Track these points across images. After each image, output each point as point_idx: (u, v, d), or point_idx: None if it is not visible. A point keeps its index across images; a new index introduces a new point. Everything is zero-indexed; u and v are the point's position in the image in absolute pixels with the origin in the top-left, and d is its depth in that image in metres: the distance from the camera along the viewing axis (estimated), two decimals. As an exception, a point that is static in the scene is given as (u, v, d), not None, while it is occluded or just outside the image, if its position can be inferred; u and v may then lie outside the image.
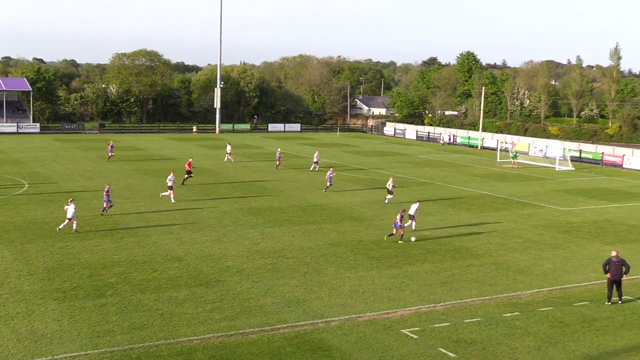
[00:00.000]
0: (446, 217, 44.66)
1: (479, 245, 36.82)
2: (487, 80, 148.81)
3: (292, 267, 31.18)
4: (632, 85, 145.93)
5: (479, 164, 79.18)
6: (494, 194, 55.25)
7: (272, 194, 51.47)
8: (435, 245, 36.45)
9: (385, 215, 44.13)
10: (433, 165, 76.22)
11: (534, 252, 35.65)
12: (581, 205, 51.89)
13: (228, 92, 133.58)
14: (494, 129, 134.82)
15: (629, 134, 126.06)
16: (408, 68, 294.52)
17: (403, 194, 53.67)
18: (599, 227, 43.35)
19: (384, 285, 28.91)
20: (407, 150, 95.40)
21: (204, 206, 45.43)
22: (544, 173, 72.49)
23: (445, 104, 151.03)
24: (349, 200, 49.57)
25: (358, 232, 38.80)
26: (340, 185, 57.36)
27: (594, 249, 36.97)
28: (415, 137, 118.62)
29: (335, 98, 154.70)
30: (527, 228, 42.01)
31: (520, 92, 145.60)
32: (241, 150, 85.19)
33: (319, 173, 63.81)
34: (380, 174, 66.16)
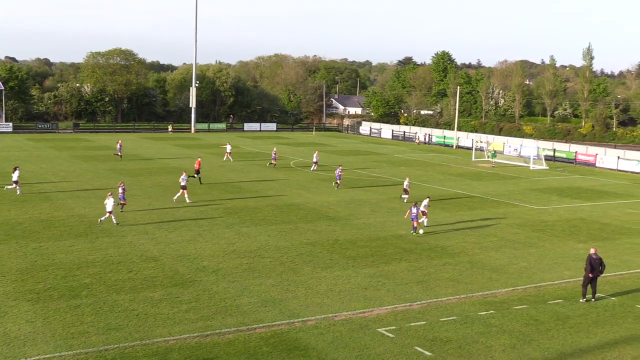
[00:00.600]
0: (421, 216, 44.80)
1: (455, 244, 37.01)
2: (462, 80, 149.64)
3: (268, 266, 31.13)
4: (604, 85, 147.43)
5: (455, 163, 79.59)
6: (469, 193, 55.56)
7: (248, 193, 51.34)
8: (411, 244, 36.60)
9: (361, 215, 44.22)
10: (409, 164, 76.48)
11: (509, 251, 35.91)
12: (555, 204, 52.36)
13: (203, 92, 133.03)
14: (469, 128, 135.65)
15: (601, 133, 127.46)
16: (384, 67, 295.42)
17: (378, 193, 53.81)
18: (573, 225, 43.77)
19: (360, 284, 28.96)
20: (383, 149, 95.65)
21: (179, 205, 45.19)
22: (518, 172, 73.03)
23: (420, 103, 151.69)
24: (325, 200, 49.59)
25: (334, 232, 38.84)
26: (316, 184, 57.37)
27: (568, 247, 37.32)
28: (391, 136, 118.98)
29: (311, 97, 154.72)
30: (502, 227, 42.30)
31: (495, 92, 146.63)
32: (216, 150, 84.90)
33: (300, 173, 63.78)
34: (358, 173, 66.27)
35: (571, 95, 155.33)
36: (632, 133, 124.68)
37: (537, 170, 76.18)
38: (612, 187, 63.66)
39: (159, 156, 76.17)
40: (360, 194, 53.30)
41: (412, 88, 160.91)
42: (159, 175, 59.29)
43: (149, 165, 67.57)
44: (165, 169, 64.78)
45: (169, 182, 55.46)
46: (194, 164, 60.33)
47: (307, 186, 56.27)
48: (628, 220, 46.22)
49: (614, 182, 68.13)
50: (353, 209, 46.50)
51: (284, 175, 62.66)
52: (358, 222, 41.81)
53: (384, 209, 46.99)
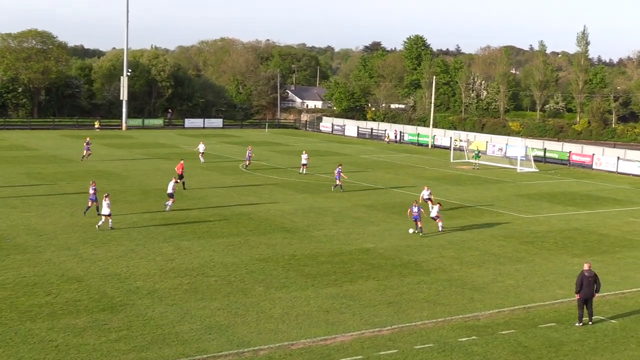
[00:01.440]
0: (392, 226, 45.04)
1: (430, 259, 37.23)
2: (438, 69, 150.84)
3: (213, 287, 30.96)
4: (602, 75, 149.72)
5: (430, 165, 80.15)
6: (448, 200, 55.97)
7: (189, 200, 51.05)
8: (380, 259, 36.72)
9: (322, 225, 44.28)
10: (377, 166, 76.82)
11: (493, 267, 36.23)
12: (546, 212, 53.01)
13: (137, 82, 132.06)
14: (446, 124, 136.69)
15: (598, 130, 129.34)
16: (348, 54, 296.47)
17: (342, 200, 53.94)
18: (566, 236, 44.34)
19: (321, 306, 28.95)
20: (347, 149, 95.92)
21: (110, 216, 44.78)
22: (504, 175, 73.81)
23: (390, 95, 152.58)
24: (279, 208, 49.54)
25: (290, 245, 38.82)
26: (270, 190, 57.32)
27: (561, 262, 37.78)
28: (357, 134, 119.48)
29: (264, 89, 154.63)
30: (485, 239, 42.68)
31: (476, 83, 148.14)
32: (152, 150, 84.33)
33: (250, 177, 63.61)
34: (317, 177, 66.36)
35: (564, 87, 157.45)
36: (633, 130, 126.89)
37: (526, 173, 77.09)
38: (611, 193, 64.70)
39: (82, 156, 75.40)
40: (321, 201, 53.36)
41: (380, 78, 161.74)
42: (83, 180, 58.70)
43: (71, 168, 66.80)
44: (92, 172, 64.12)
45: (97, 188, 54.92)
46: (174, 166, 60.07)
47: (259, 192, 56.18)
48: (630, 231, 47.00)
49: (613, 186, 69.25)
50: (313, 218, 46.52)
51: (232, 179, 62.48)
52: (318, 234, 41.84)
53: (349, 218, 47.12)
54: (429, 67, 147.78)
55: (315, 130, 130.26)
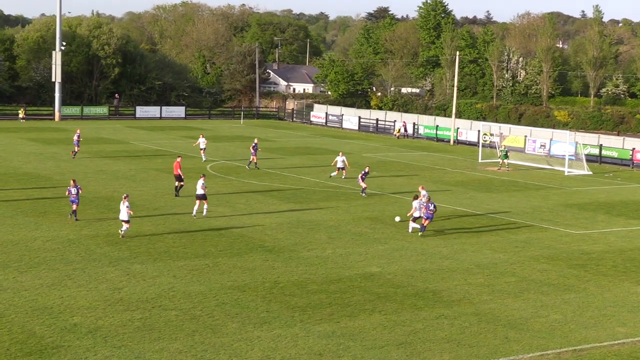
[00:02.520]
0: (403, 245, 45.10)
1: (453, 287, 37.27)
2: (463, 42, 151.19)
3: (173, 323, 30.96)
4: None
5: (453, 167, 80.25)
6: (474, 211, 56.05)
7: (143, 211, 51.01)
8: (388, 287, 36.75)
9: (314, 244, 44.29)
10: (384, 168, 76.86)
11: (534, 297, 36.28)
12: (602, 226, 53.11)
13: (74, 58, 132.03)
14: (474, 114, 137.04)
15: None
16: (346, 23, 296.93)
17: (339, 211, 53.96)
18: (629, 258, 44.41)
19: (312, 348, 28.99)
20: (346, 145, 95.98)
21: (36, 232, 44.68)
22: (547, 179, 73.93)
23: (401, 77, 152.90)
24: (259, 222, 49.53)
25: (273, 270, 38.81)
26: (246, 199, 57.32)
27: (622, 291, 37.83)
28: (358, 126, 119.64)
29: (238, 68, 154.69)
30: (524, 261, 42.74)
31: (512, 60, 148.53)
32: (94, 147, 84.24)
33: (221, 181, 63.60)
34: (306, 182, 66.37)
35: (626, 65, 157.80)
36: None
37: (576, 176, 77.24)
38: (685, 202, 64.85)
39: (3, 156, 75.21)
40: (312, 213, 53.38)
41: (388, 54, 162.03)
42: (1, 185, 58.69)
43: (-12, 170, 66.76)
44: (14, 176, 64.03)
45: (19, 196, 54.77)
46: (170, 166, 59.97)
47: (232, 201, 56.18)
48: None
49: (687, 193, 69.45)
50: (302, 235, 46.53)
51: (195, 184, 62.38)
52: (309, 255, 41.84)
53: (348, 235, 47.16)
54: (451, 40, 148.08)
55: (304, 122, 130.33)
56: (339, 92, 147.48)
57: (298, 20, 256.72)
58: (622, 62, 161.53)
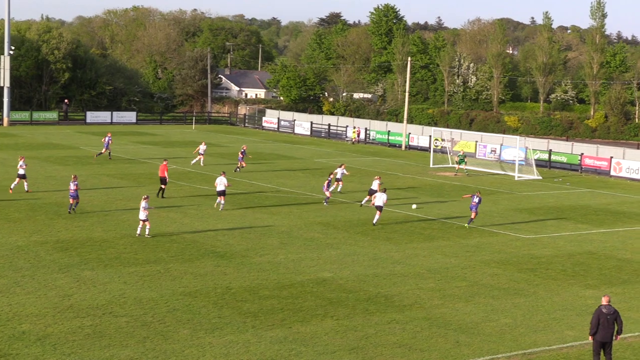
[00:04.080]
0: (355, 250, 45.15)
1: (405, 292, 37.35)
2: (414, 48, 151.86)
3: (124, 329, 30.76)
4: (623, 56, 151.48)
5: (404, 172, 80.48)
6: (426, 216, 56.22)
7: (93, 217, 50.68)
8: (340, 292, 36.75)
9: (266, 249, 44.21)
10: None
11: (485, 301, 36.45)
12: (552, 230, 53.50)
13: (23, 63, 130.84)
14: (425, 119, 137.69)
15: (618, 126, 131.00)
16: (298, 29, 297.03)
17: (291, 217, 53.94)
18: (577, 262, 44.76)
19: (264, 354, 28.91)
20: (298, 151, 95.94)
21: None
22: (497, 184, 74.34)
23: (353, 82, 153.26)
24: (210, 227, 49.37)
25: (225, 275, 38.70)
26: (198, 204, 57.10)
27: (570, 295, 38.11)
28: (310, 132, 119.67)
29: (190, 73, 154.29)
30: (474, 265, 42.94)
31: (463, 66, 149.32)
32: (43, 152, 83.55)
33: (172, 187, 63.40)
34: (258, 187, 66.26)
35: (574, 71, 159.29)
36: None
37: (526, 181, 77.72)
38: (634, 206, 65.51)
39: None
40: (264, 218, 53.31)
41: (340, 60, 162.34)
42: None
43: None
44: (-37, 182, 63.44)
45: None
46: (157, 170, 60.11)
47: (184, 206, 55.96)
48: (656, 254, 47.62)
49: (637, 198, 70.15)
50: (253, 240, 46.44)
51: (149, 190, 62.10)
52: (261, 261, 41.76)
53: (300, 240, 47.13)
54: (403, 45, 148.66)
55: (256, 127, 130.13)
56: (291, 97, 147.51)
57: (250, 25, 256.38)
58: (570, 68, 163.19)
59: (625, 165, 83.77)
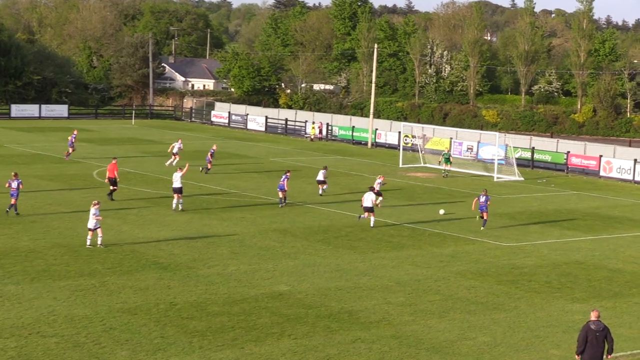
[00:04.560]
0: (316, 260, 45.10)
1: (371, 307, 37.31)
2: (382, 34, 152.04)
3: (53, 352, 30.53)
4: (612, 43, 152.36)
5: (370, 172, 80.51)
6: (395, 222, 56.27)
7: (18, 224, 50.29)
8: (299, 308, 36.66)
9: (215, 259, 44.04)
10: (294, 174, 76.79)
11: (460, 317, 36.49)
12: (535, 237, 53.71)
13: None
14: (394, 113, 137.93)
15: (608, 121, 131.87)
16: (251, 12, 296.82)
17: (244, 223, 53.85)
18: (563, 273, 44.95)
19: (214, 378, 28.80)
20: (251, 149, 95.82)
21: None
22: (474, 186, 74.55)
23: (313, 72, 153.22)
24: (152, 235, 49.16)
25: (169, 289, 38.51)
26: (138, 209, 56.86)
27: (556, 310, 38.23)
28: (265, 127, 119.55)
29: (129, 61, 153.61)
30: (449, 277, 43.00)
31: (435, 54, 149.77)
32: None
33: (108, 190, 63.01)
34: (207, 189, 66.07)
35: (559, 60, 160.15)
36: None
37: (506, 182, 78.03)
38: (625, 210, 65.94)
39: None
40: (214, 224, 53.16)
41: (299, 47, 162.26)
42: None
43: None
44: None
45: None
46: None
47: (122, 213, 55.68)
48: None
49: (628, 201, 70.63)
50: (201, 250, 46.27)
51: (82, 194, 61.77)
52: (209, 273, 41.61)
53: (254, 249, 47.01)
54: (368, 31, 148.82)
55: (204, 122, 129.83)
56: (243, 88, 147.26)
57: (197, 8, 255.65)
58: (555, 56, 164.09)
59: (615, 164, 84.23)
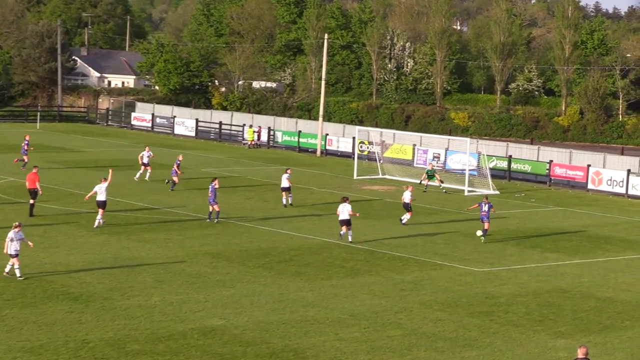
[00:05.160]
0: (255, 289, 45.05)
1: (321, 344, 37.27)
2: (333, 22, 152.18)
3: (-58, 399, 30.27)
4: (602, 34, 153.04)
5: (320, 185, 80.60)
6: (348, 245, 56.27)
7: None
8: (235, 345, 36.55)
9: (136, 288, 43.82)
10: (230, 187, 76.69)
11: (426, 355, 36.51)
12: (512, 262, 53.90)
13: None
14: (347, 116, 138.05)
15: (596, 125, 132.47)
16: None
17: (171, 244, 53.63)
18: (545, 302, 45.13)
19: None
20: (174, 157, 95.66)
21: None
22: (442, 201, 74.78)
23: (252, 67, 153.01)
24: (61, 260, 48.88)
25: (80, 325, 38.26)
26: (44, 229, 56.50)
27: (537, 346, 38.34)
28: (195, 132, 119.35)
29: (33, 54, 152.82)
30: (412, 308, 43.03)
31: (396, 46, 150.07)
32: None
33: (7, 208, 62.68)
34: (126, 205, 65.83)
35: (541, 54, 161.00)
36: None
37: (479, 197, 78.34)
38: (617, 229, 66.36)
39: None
40: (133, 246, 52.99)
41: (236, 38, 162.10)
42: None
43: None
44: None
45: None
46: None
47: (25, 232, 55.26)
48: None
49: (621, 218, 71.09)
50: (118, 277, 46.05)
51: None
52: (129, 305, 41.41)
53: (181, 276, 46.84)
54: (317, 19, 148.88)
55: (123, 126, 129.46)
56: (169, 86, 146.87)
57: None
58: (536, 49, 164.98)
59: (606, 175, 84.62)
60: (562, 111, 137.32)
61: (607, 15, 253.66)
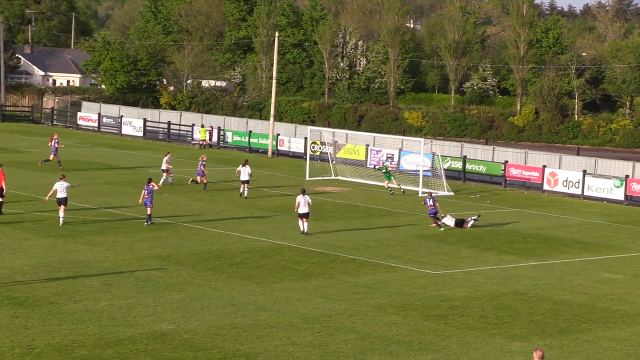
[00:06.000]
0: (206, 292, 45.00)
1: (273, 348, 37.27)
2: (284, 20, 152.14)
3: None
4: (557, 32, 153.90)
5: (272, 184, 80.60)
6: (301, 246, 56.27)
7: None
8: (186, 350, 36.45)
9: (84, 292, 43.66)
10: (180, 188, 76.56)
11: (379, 359, 36.61)
12: (467, 264, 54.09)
13: None
14: (299, 116, 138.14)
15: (552, 125, 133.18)
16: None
17: (120, 247, 53.49)
18: (501, 305, 45.34)
19: None
20: (126, 159, 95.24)
21: None
22: (396, 202, 74.90)
23: (202, 65, 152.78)
24: (6, 264, 48.53)
25: (26, 330, 38.04)
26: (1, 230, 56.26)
27: (493, 350, 38.50)
28: (143, 132, 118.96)
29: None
30: (366, 312, 43.10)
31: (349, 45, 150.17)
32: None
33: None
34: (71, 206, 65.63)
35: (495, 53, 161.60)
36: (608, 125, 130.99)
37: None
38: (573, 230, 66.73)
39: None
40: (80, 249, 52.80)
41: (184, 35, 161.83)
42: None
43: None
44: None
45: None
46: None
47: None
48: (604, 295, 48.43)
49: (577, 220, 71.45)
50: (65, 281, 45.85)
51: None
52: (76, 309, 41.26)
53: (130, 280, 46.71)
54: (268, 16, 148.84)
55: (69, 126, 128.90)
56: (116, 85, 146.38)
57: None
58: (490, 48, 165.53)
59: (562, 176, 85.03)
60: (517, 111, 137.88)
61: (563, 14, 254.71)
